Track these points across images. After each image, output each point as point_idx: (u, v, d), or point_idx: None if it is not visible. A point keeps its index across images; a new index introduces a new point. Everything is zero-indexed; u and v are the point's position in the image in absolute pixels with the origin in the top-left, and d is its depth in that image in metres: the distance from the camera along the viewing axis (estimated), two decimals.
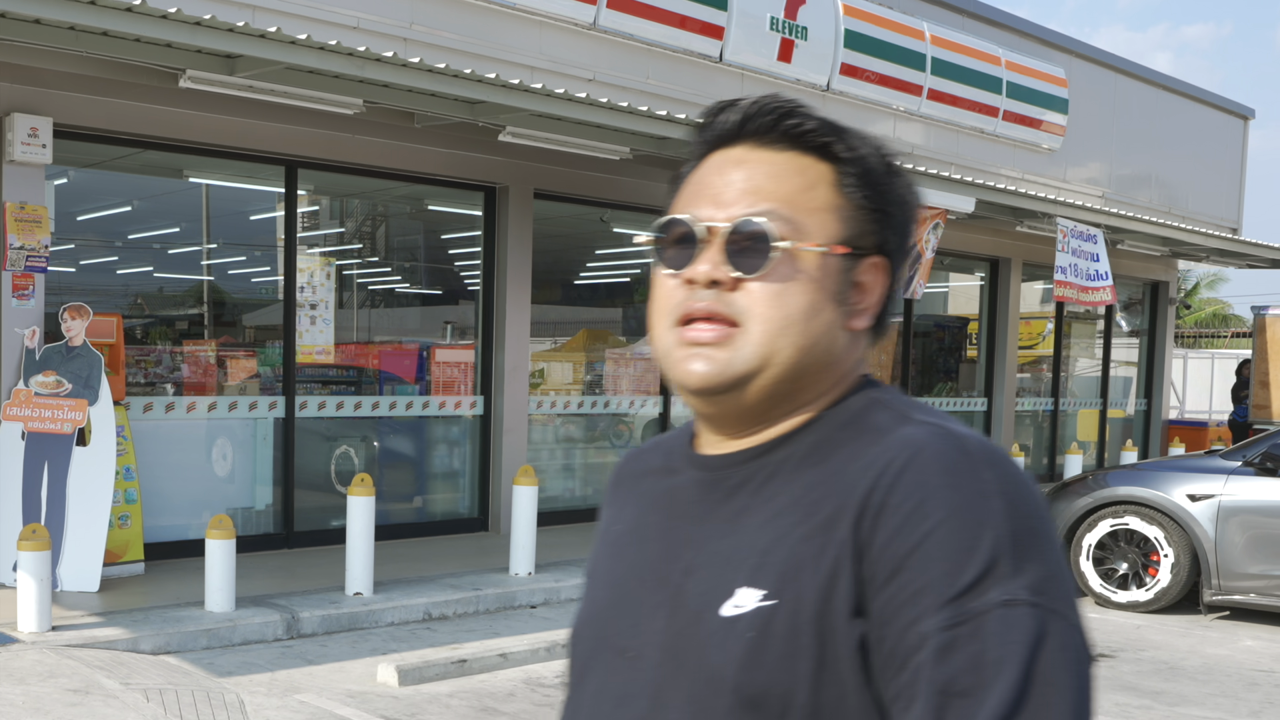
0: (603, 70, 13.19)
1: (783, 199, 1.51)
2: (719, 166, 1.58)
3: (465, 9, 12.07)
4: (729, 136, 1.59)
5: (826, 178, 1.55)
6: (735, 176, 1.55)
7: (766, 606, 1.40)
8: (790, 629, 1.38)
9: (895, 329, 18.18)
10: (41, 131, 9.61)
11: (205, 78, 9.66)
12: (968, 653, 1.26)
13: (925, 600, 1.30)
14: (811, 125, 1.55)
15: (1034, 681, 1.25)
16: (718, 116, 1.60)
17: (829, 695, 1.36)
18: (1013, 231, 19.06)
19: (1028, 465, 19.76)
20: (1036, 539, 1.35)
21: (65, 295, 10.06)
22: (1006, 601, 1.27)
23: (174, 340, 12.13)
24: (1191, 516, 10.50)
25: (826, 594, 1.37)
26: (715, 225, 1.50)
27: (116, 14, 8.17)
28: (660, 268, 1.56)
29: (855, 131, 1.57)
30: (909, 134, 17.00)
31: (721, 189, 1.54)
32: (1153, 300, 23.91)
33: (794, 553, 1.42)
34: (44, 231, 9.78)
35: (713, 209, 1.52)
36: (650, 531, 1.63)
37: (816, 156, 1.55)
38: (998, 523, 1.32)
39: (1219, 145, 23.64)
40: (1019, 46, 18.86)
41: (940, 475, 1.37)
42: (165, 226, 11.20)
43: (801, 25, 15.04)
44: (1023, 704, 1.23)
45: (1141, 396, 23.91)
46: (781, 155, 1.55)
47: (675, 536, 1.57)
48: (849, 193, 1.55)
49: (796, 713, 1.36)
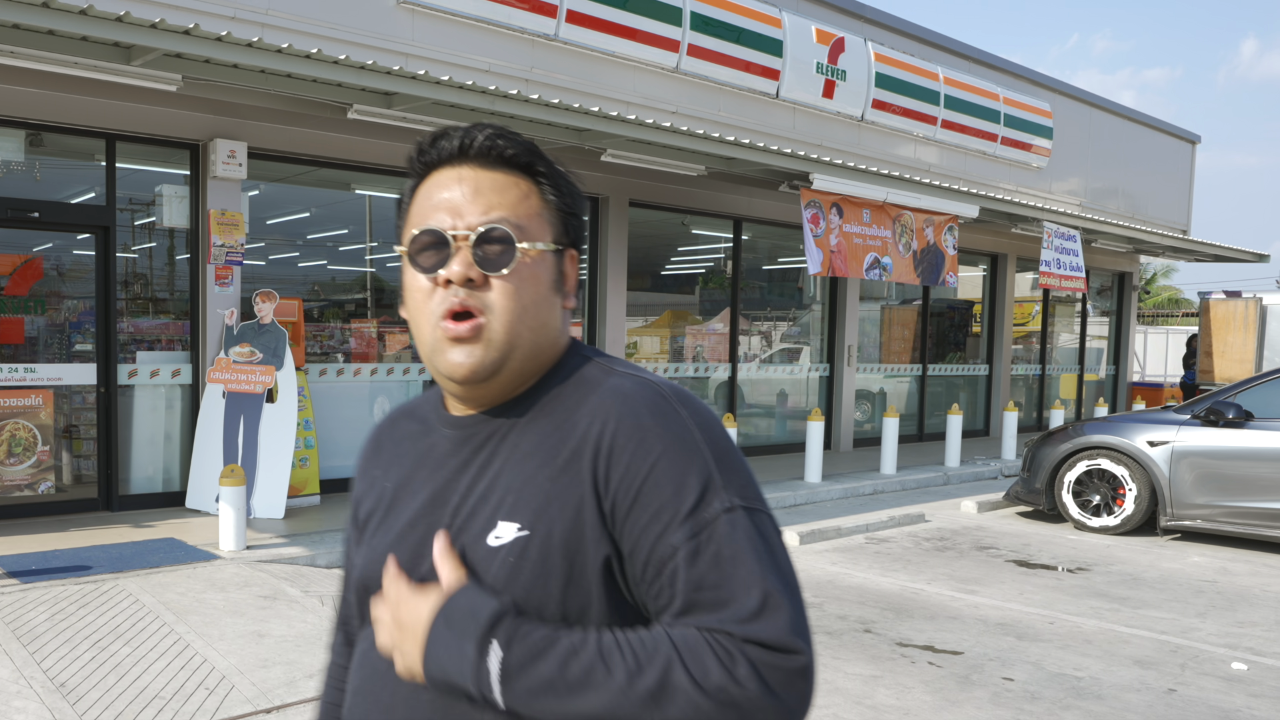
0: (683, 105, 13.04)
1: (509, 209, 1.51)
2: (446, 184, 1.53)
3: (574, 56, 11.95)
4: (447, 159, 1.55)
5: (534, 190, 1.55)
6: (466, 191, 1.51)
7: (522, 537, 1.43)
8: (542, 554, 1.42)
9: (916, 309, 18.06)
10: (238, 153, 9.74)
11: (368, 110, 9.72)
12: (709, 554, 1.36)
13: (665, 517, 1.38)
14: (516, 149, 1.54)
15: (760, 560, 1.37)
16: (437, 143, 1.55)
17: (575, 605, 1.41)
18: (1008, 233, 18.96)
19: (1020, 418, 19.70)
20: (730, 456, 1.46)
21: (257, 283, 10.18)
22: (726, 509, 1.39)
23: (343, 319, 12.20)
24: (1150, 459, 10.48)
25: (574, 523, 1.42)
26: (461, 233, 1.48)
27: (299, 60, 8.22)
28: (415, 273, 1.51)
29: (543, 152, 1.58)
30: (926, 155, 16.76)
31: (459, 202, 1.50)
32: (1119, 287, 23.85)
33: (542, 490, 1.45)
34: (240, 233, 9.91)
35: (453, 219, 1.49)
36: (418, 484, 1.59)
37: (521, 174, 1.55)
38: (703, 449, 1.43)
39: (1172, 164, 23.52)
40: (1013, 85, 18.68)
41: (651, 416, 1.45)
42: (336, 229, 11.30)
43: (841, 69, 14.90)
44: (756, 580, 1.35)
45: (1110, 364, 23.90)
46: (497, 173, 1.54)
47: (440, 484, 1.55)
48: (550, 201, 1.57)
49: (550, 620, 1.40)
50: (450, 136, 1.53)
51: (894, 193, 13.07)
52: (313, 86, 8.85)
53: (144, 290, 10.14)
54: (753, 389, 15.34)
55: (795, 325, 16.13)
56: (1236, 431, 10.05)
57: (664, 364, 14.18)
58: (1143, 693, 5.93)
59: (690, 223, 14.56)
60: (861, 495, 12.63)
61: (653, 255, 14.24)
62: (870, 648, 6.60)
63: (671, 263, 14.65)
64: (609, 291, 13.16)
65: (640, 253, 13.84)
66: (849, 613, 7.44)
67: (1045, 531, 10.85)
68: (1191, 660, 6.58)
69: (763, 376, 15.48)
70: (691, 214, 14.35)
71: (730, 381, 14.90)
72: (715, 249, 14.90)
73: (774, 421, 15.62)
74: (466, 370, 1.47)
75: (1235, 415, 10.06)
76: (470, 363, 1.47)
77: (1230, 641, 7.02)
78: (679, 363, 14.38)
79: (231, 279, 9.94)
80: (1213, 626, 7.38)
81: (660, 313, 14.28)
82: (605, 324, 13.15)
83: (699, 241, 14.86)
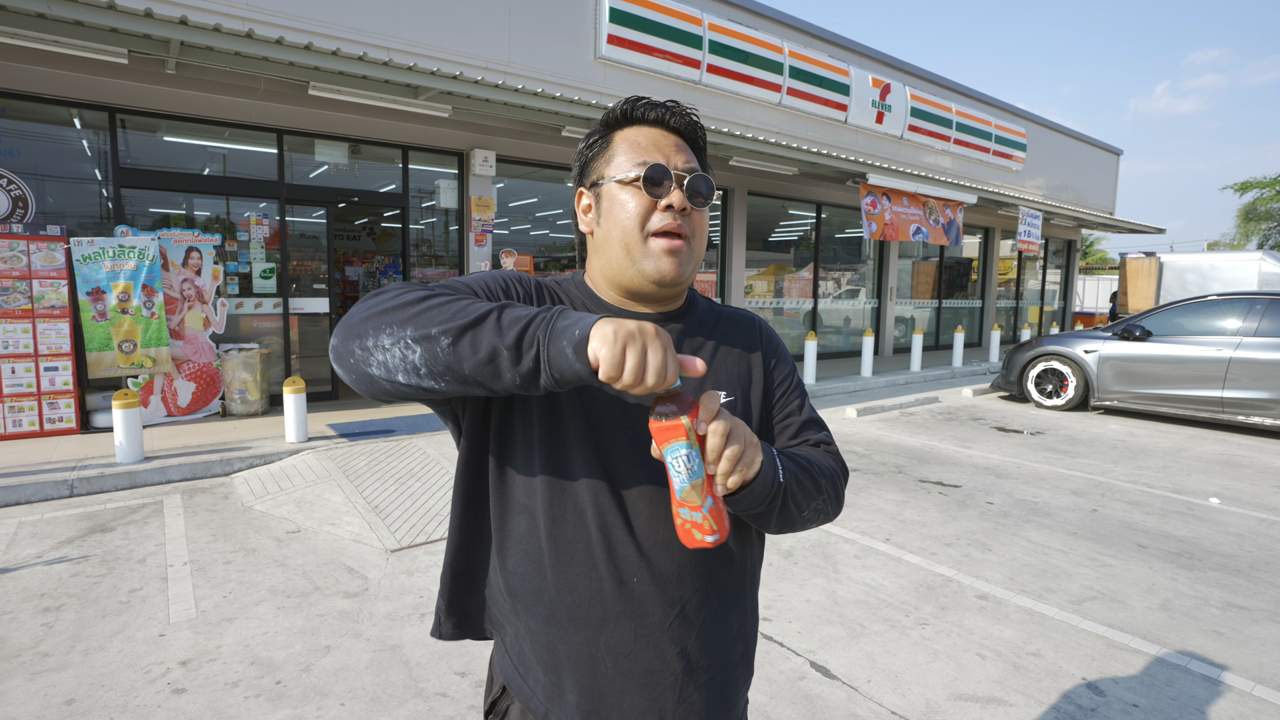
0: (783, 128, 12.74)
1: (695, 163, 1.34)
2: (653, 137, 1.33)
3: (712, 95, 11.74)
4: (652, 121, 1.35)
5: (694, 151, 1.39)
6: (673, 144, 1.33)
7: (730, 400, 1.35)
8: (744, 410, 1.37)
9: (935, 264, 17.67)
10: (490, 159, 9.66)
11: (576, 131, 9.65)
12: (797, 393, 1.43)
13: (787, 382, 1.43)
14: (695, 126, 1.38)
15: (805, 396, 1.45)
16: (648, 108, 1.35)
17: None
18: (995, 214, 18.39)
19: (1001, 335, 19.28)
20: (787, 353, 1.48)
21: (502, 245, 10.26)
22: (793, 374, 1.46)
23: (559, 269, 12.12)
24: (1085, 361, 10.23)
25: (761, 391, 1.40)
26: (679, 173, 1.31)
27: (529, 96, 8.15)
28: (634, 193, 1.29)
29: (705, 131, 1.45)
30: (943, 162, 16.08)
31: (669, 152, 1.32)
32: (1068, 250, 22.81)
33: (735, 371, 1.38)
34: (491, 211, 9.86)
35: (668, 161, 1.31)
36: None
37: (685, 138, 1.37)
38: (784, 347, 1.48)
39: (1104, 168, 22.16)
40: (1000, 115, 17.76)
41: (770, 328, 1.49)
42: (554, 209, 11.32)
43: (888, 103, 14.35)
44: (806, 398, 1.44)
45: (1061, 299, 22.96)
46: (681, 139, 1.35)
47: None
48: (704, 165, 1.39)
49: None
50: (653, 106, 1.35)
51: (922, 186, 12.72)
52: (538, 115, 8.74)
53: (429, 250, 10.05)
54: (827, 315, 15.20)
55: (856, 273, 15.89)
56: (1140, 344, 9.78)
57: (770, 300, 14.05)
58: (1076, 512, 5.91)
59: (787, 206, 14.34)
60: (897, 385, 12.48)
61: (763, 227, 14.06)
62: (901, 482, 6.60)
63: (775, 232, 14.45)
64: (734, 251, 13.04)
65: (754, 225, 13.69)
66: (888, 460, 7.40)
67: (1016, 409, 10.64)
68: (1108, 491, 6.50)
69: (834, 307, 15.32)
70: (788, 200, 14.12)
71: (813, 310, 14.76)
72: (803, 223, 14.69)
73: (841, 337, 15.50)
74: (675, 273, 1.30)
75: (1140, 334, 9.83)
76: (679, 270, 1.30)
77: (1132, 479, 6.92)
78: (780, 299, 14.20)
79: (486, 243, 9.83)
80: (1122, 470, 7.25)
81: (767, 265, 14.08)
82: (732, 272, 13.05)
83: (793, 219, 14.58)
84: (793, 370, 1.46)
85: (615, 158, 1.33)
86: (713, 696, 1.29)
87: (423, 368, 1.07)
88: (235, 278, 8.39)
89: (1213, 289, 16.68)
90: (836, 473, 1.37)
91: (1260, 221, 34.57)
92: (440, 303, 1.10)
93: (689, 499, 1.09)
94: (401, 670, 3.44)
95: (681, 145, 1.34)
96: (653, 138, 1.33)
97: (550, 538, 1.24)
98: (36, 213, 7.22)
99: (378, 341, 1.08)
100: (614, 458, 1.25)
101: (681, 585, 1.25)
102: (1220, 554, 5.09)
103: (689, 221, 1.31)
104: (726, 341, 1.40)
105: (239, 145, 8.35)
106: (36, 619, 3.85)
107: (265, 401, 8.26)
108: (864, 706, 3.23)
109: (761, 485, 1.19)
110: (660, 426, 1.08)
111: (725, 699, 1.31)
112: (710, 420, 1.10)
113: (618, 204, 1.31)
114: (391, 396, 1.15)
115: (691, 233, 1.32)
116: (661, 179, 1.28)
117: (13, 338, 6.89)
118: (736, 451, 1.11)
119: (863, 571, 4.63)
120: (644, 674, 1.24)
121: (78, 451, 6.50)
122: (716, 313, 1.44)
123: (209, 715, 3.08)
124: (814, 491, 1.30)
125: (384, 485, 5.82)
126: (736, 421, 1.14)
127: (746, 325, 1.45)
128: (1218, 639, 3.90)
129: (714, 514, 1.10)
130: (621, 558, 1.23)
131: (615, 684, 1.24)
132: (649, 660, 1.24)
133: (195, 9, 7.43)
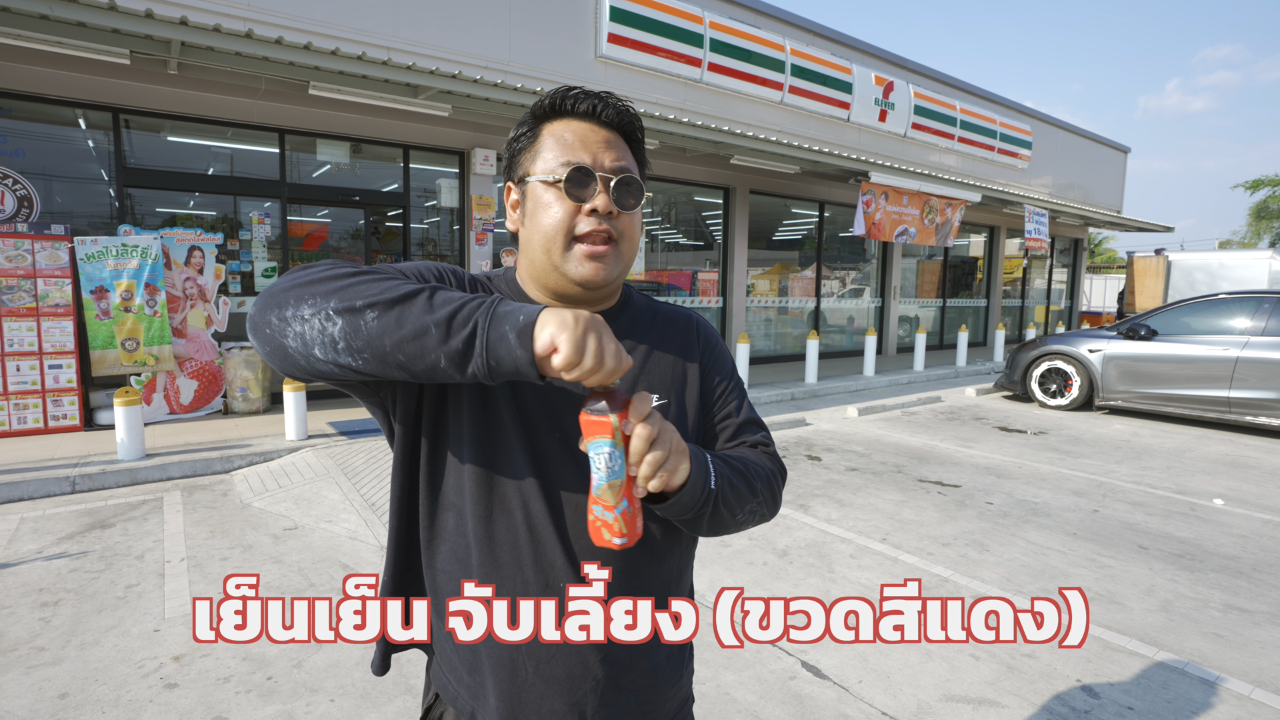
0: (785, 126, 12.72)
1: (629, 162, 1.24)
2: (581, 133, 1.23)
3: (713, 93, 11.72)
4: (580, 114, 1.25)
5: (628, 146, 1.28)
6: (601, 142, 1.23)
7: (663, 404, 1.31)
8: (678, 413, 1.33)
9: (939, 262, 17.61)
10: (490, 158, 9.63)
11: None
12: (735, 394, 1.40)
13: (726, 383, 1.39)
14: (629, 119, 1.27)
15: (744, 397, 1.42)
16: (574, 100, 1.24)
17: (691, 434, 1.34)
18: (1001, 212, 18.31)
19: (1006, 335, 19.21)
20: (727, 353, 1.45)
21: (503, 244, 10.16)
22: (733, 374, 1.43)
23: None
24: (1090, 360, 10.17)
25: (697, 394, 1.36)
26: (605, 175, 1.21)
27: (529, 95, 8.05)
28: (557, 195, 1.20)
29: (641, 123, 1.31)
30: (947, 160, 16.03)
31: (597, 150, 1.22)
32: (1075, 249, 22.68)
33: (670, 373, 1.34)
34: (491, 210, 9.82)
35: (593, 161, 1.21)
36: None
37: (618, 132, 1.26)
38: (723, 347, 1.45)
39: (1112, 167, 22.01)
40: (1005, 113, 17.69)
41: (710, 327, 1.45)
42: None
43: (891, 101, 14.30)
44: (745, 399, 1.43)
45: (1068, 299, 22.83)
46: (613, 134, 1.25)
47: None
48: (640, 160, 1.30)
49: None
50: (583, 98, 1.25)
51: (926, 184, 12.66)
52: None
53: (431, 249, 9.99)
54: (831, 314, 15.14)
55: (859, 272, 15.83)
56: (1146, 343, 9.72)
57: (771, 299, 13.98)
58: (1077, 512, 5.86)
59: (790, 205, 14.29)
60: (900, 384, 12.43)
61: (765, 226, 14.02)
62: (900, 482, 6.56)
63: (778, 231, 14.41)
64: (736, 250, 12.99)
65: (757, 224, 13.65)
66: (888, 459, 7.37)
67: (1019, 409, 10.59)
68: (1110, 492, 6.45)
69: (838, 306, 15.27)
70: (790, 199, 14.08)
71: (816, 309, 14.71)
72: (806, 222, 14.65)
73: (845, 335, 15.44)
74: (601, 278, 1.22)
75: (1145, 333, 9.77)
76: (604, 272, 1.21)
77: (1135, 480, 6.87)
78: (784, 297, 14.14)
79: (487, 241, 9.79)
80: (1125, 470, 7.20)
81: (771, 264, 14.04)
82: (734, 272, 12.99)
83: (796, 217, 14.53)
84: (732, 370, 1.42)
85: (541, 153, 1.25)
86: (636, 700, 1.28)
87: (340, 341, 1.01)
88: (238, 276, 8.41)
89: (1222, 288, 16.59)
90: (773, 474, 1.35)
91: (1272, 220, 34.35)
92: (371, 279, 1.05)
93: (604, 498, 1.06)
94: (392, 667, 3.44)
95: (613, 141, 1.25)
96: (581, 133, 1.24)
97: (477, 537, 1.22)
98: (42, 212, 7.25)
99: (297, 312, 1.03)
100: (546, 457, 1.22)
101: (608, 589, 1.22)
102: (1222, 555, 5.04)
103: (616, 224, 1.22)
104: (662, 343, 1.36)
105: (241, 145, 8.37)
106: (34, 614, 3.87)
107: (267, 399, 8.28)
108: (854, 707, 3.21)
109: (690, 493, 1.16)
110: (589, 420, 1.05)
111: (649, 702, 1.30)
112: (639, 421, 1.06)
113: (541, 205, 1.23)
114: (307, 374, 1.09)
115: (619, 235, 1.23)
116: (587, 182, 1.20)
117: (17, 336, 6.93)
118: (659, 457, 1.06)
119: (858, 571, 4.61)
120: (565, 679, 1.22)
121: (80, 448, 6.53)
122: (655, 311, 1.39)
123: (199, 710, 3.08)
124: (748, 495, 1.27)
125: (381, 483, 5.84)
126: (666, 426, 1.09)
127: (684, 325, 1.40)
128: (1217, 641, 3.86)
129: (626, 517, 1.07)
130: (549, 561, 1.20)
131: (535, 689, 1.22)
132: (570, 665, 1.22)
133: (195, 9, 7.45)
